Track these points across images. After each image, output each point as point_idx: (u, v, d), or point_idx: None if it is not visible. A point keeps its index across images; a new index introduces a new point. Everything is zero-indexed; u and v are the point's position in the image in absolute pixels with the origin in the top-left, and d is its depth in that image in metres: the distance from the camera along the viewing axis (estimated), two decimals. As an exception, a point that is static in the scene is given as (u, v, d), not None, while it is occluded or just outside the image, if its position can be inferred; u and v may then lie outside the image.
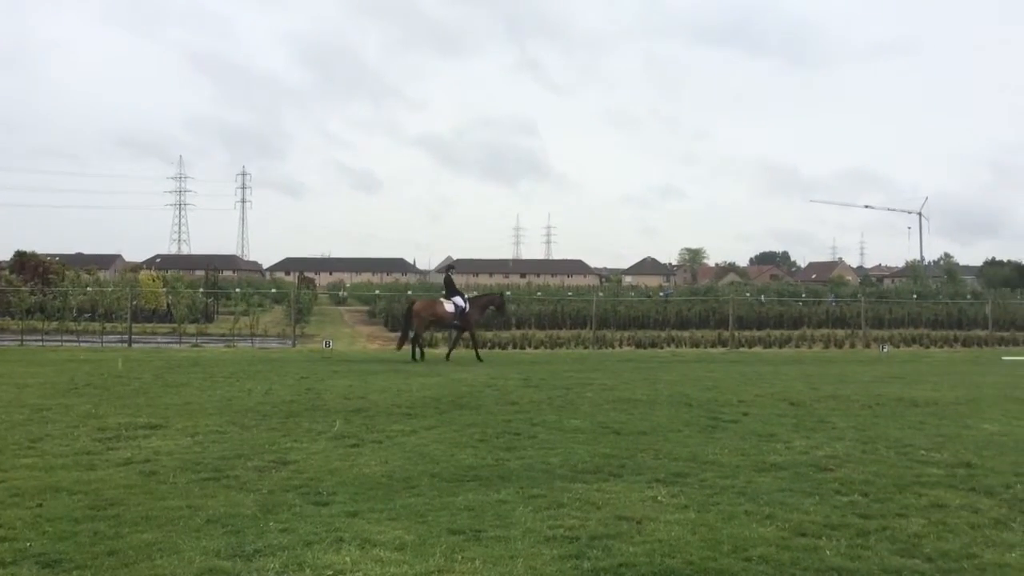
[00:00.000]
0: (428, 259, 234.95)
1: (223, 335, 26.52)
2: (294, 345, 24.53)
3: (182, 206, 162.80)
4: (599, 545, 5.39)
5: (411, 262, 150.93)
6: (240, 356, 20.35)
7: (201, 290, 36.23)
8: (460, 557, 5.16)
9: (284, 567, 4.99)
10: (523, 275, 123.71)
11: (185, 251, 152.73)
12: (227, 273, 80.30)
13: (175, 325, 27.54)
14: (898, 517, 6.11)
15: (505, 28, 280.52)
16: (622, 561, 5.08)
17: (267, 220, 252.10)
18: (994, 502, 6.55)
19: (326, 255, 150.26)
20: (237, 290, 41.88)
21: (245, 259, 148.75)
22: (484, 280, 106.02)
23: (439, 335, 25.08)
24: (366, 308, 42.31)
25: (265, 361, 18.91)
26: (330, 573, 4.90)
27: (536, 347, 25.73)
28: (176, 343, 24.35)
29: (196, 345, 23.73)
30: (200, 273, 46.39)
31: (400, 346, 20.79)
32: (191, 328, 27.47)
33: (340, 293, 56.91)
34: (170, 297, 33.28)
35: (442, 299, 20.97)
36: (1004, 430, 9.94)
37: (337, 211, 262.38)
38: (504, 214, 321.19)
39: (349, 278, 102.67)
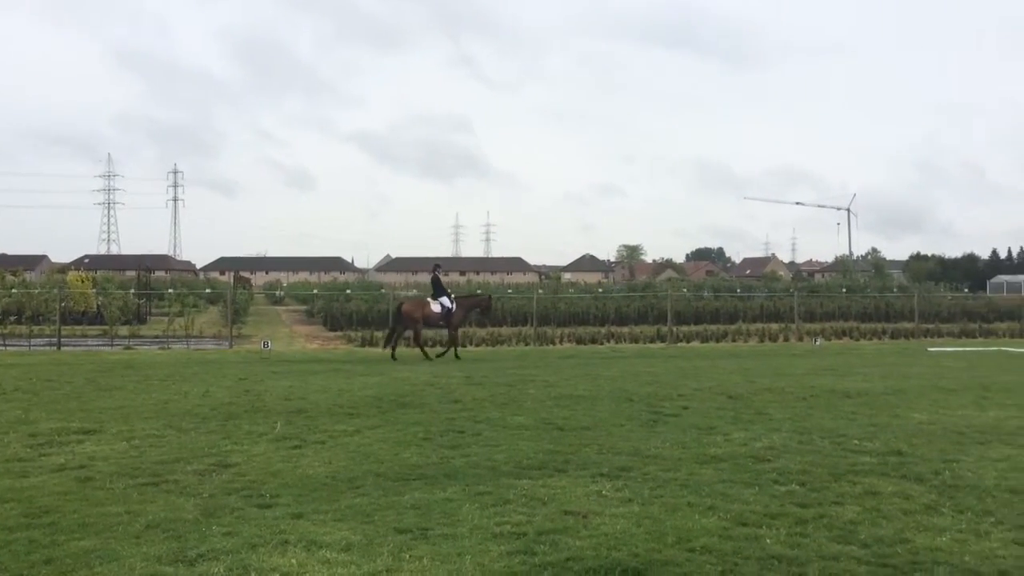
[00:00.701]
0: (367, 257, 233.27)
1: (157, 337, 25.88)
2: (231, 346, 24.09)
3: (111, 205, 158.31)
4: (546, 540, 5.43)
5: (349, 260, 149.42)
6: (175, 358, 19.90)
7: (133, 291, 35.27)
8: (408, 556, 5.15)
9: (228, 571, 4.91)
10: (463, 273, 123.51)
11: (115, 251, 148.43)
12: (159, 273, 78.33)
13: (106, 327, 26.79)
14: (834, 505, 6.29)
15: (441, 24, 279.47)
16: (569, 555, 5.13)
17: (200, 219, 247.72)
18: (924, 488, 6.79)
19: (262, 254, 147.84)
20: (170, 291, 40.92)
21: (178, 259, 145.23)
22: (424, 278, 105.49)
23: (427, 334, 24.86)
24: (304, 308, 41.68)
25: (201, 363, 18.53)
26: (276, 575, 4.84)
27: (477, 345, 25.72)
28: (108, 346, 23.69)
29: (129, 347, 23.13)
30: (131, 274, 45.23)
31: (385, 345, 20.82)
32: (123, 330, 26.73)
33: (277, 293, 56.03)
34: (100, 298, 32.33)
35: (429, 299, 21.12)
36: (932, 419, 10.31)
37: (272, 209, 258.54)
38: (443, 212, 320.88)
39: (286, 277, 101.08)
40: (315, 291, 42.24)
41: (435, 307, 20.67)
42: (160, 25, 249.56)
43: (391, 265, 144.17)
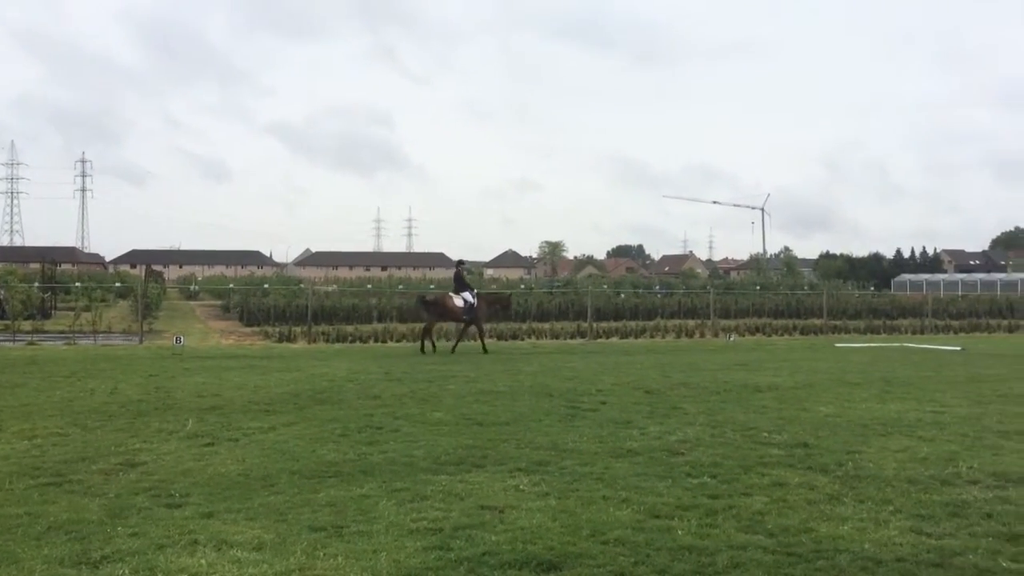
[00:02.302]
0: (286, 251, 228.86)
1: (62, 332, 24.88)
2: (141, 342, 23.34)
3: (14, 195, 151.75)
4: (463, 535, 5.44)
5: (267, 254, 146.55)
6: (81, 354, 19.18)
7: (37, 284, 33.83)
8: (322, 554, 5.09)
9: (134, 572, 4.77)
10: (384, 267, 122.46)
11: (18, 243, 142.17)
12: (66, 266, 75.33)
13: (8, 322, 25.63)
14: (743, 496, 6.47)
15: (359, 14, 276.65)
16: (485, 550, 5.14)
17: (109, 210, 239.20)
18: (828, 479, 7.04)
19: (175, 247, 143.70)
20: (77, 284, 39.37)
21: (86, 251, 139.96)
22: (344, 273, 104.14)
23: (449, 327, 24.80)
24: (219, 302, 40.73)
25: (109, 359, 17.91)
26: (184, 577, 4.72)
27: (398, 340, 25.55)
28: (9, 341, 22.67)
29: (32, 343, 22.18)
30: (35, 266, 43.37)
31: (424, 339, 21.11)
32: (26, 325, 25.62)
33: (191, 287, 54.59)
34: (2, 292, 30.92)
35: (452, 294, 21.83)
36: (837, 412, 10.69)
37: (186, 201, 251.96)
38: (363, 206, 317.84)
39: (201, 271, 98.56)
40: (231, 285, 41.29)
41: (458, 301, 21.32)
42: (59, 6, 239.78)
43: (311, 259, 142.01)
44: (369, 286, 44.15)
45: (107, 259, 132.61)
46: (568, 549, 5.18)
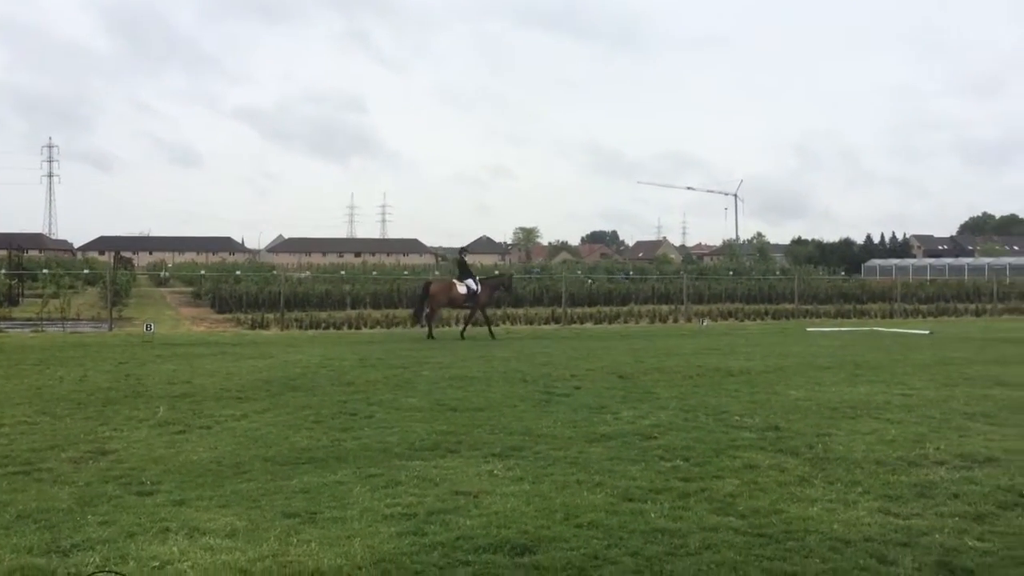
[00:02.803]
0: (258, 238, 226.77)
1: (29, 319, 24.52)
2: (111, 329, 23.06)
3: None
4: (437, 520, 5.45)
5: (239, 241, 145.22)
6: (50, 342, 18.92)
7: (3, 271, 33.28)
8: (295, 540, 5.07)
9: (105, 561, 4.72)
10: (358, 254, 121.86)
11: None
12: (33, 252, 74.18)
13: (-27, 309, 25.23)
14: (715, 479, 6.53)
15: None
16: (459, 534, 5.16)
17: (77, 196, 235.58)
18: (799, 461, 7.12)
19: (145, 234, 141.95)
20: (45, 271, 38.76)
21: (53, 238, 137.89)
22: (318, 259, 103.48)
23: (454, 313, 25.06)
24: (191, 289, 40.32)
25: (78, 346, 17.68)
26: (156, 564, 4.69)
27: (372, 327, 25.45)
28: (-25, 329, 22.32)
29: (-2, 331, 21.87)
30: (2, 253, 42.66)
31: (414, 323, 22.10)
32: (-8, 312, 25.25)
33: (162, 274, 53.99)
34: (-33, 279, 30.40)
35: (455, 281, 21.99)
36: (808, 395, 10.81)
37: (155, 187, 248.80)
38: (337, 192, 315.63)
39: (171, 258, 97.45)
40: (202, 272, 40.86)
41: (462, 288, 21.47)
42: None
43: (284, 246, 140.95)
44: (343, 272, 43.85)
45: (75, 245, 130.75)
46: (542, 533, 5.21)
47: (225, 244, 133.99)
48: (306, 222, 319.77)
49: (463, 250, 23.78)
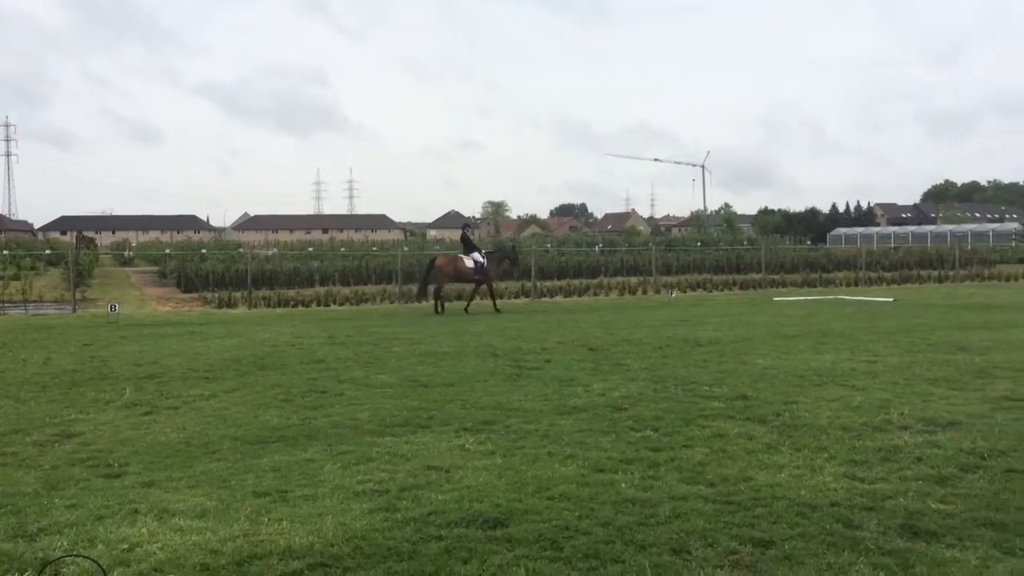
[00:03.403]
0: (223, 215, 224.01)
1: (-10, 302, 24.08)
2: (74, 311, 22.71)
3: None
4: (409, 496, 5.45)
5: (204, 219, 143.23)
6: (11, 324, 18.60)
7: (-39, 253, 32.62)
8: (266, 519, 5.05)
9: (73, 544, 4.67)
10: (325, 230, 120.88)
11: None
12: (-8, 234, 72.72)
13: (-69, 293, 24.68)
14: (684, 448, 6.60)
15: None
16: (432, 509, 5.17)
17: (37, 176, 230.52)
18: (766, 429, 7.21)
19: (107, 213, 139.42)
20: (5, 252, 38.03)
21: (13, 218, 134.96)
22: (285, 236, 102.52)
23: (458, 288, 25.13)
24: (156, 269, 39.75)
25: (41, 328, 17.41)
26: (125, 547, 4.64)
27: (341, 304, 25.32)
28: (-67, 313, 21.87)
29: (-42, 314, 21.45)
30: (-41, 234, 41.70)
31: (420, 298, 22.37)
32: (-49, 295, 24.72)
33: (126, 253, 53.18)
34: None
35: (461, 255, 22.15)
36: (775, 364, 10.94)
37: (117, 165, 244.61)
38: (302, 167, 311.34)
39: (135, 237, 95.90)
40: (167, 251, 40.31)
41: (468, 263, 21.68)
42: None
43: (250, 223, 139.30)
44: (310, 249, 43.49)
45: (36, 226, 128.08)
46: (514, 506, 5.23)
47: (190, 222, 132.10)
48: (272, 199, 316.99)
49: (466, 224, 24.59)
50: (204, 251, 37.87)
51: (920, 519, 4.91)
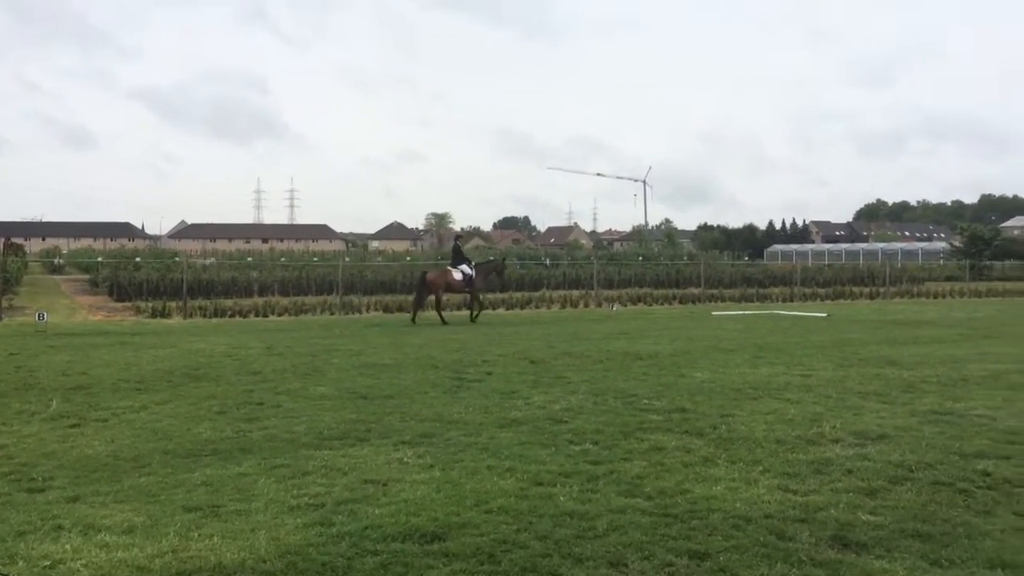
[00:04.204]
0: (159, 223, 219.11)
1: (-90, 309, 23.11)
2: (1, 319, 21.94)
3: None
4: (344, 510, 5.37)
5: (139, 226, 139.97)
6: (-68, 333, 17.87)
7: None
8: (196, 535, 4.92)
9: (-10, 564, 4.48)
10: (266, 240, 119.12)
11: None
12: (-87, 239, 69.84)
13: None
14: (623, 461, 6.63)
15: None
16: (368, 524, 5.09)
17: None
18: (703, 442, 7.30)
19: (38, 219, 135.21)
20: (-73, 258, 36.56)
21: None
22: (223, 245, 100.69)
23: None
24: (87, 277, 38.66)
25: (-36, 337, 16.75)
26: (47, 563, 4.47)
27: (280, 314, 24.94)
28: None
29: None
30: None
31: (415, 312, 22.05)
32: None
33: (56, 260, 51.64)
34: None
35: (450, 268, 22.55)
36: (712, 377, 11.09)
37: (48, 170, 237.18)
38: (242, 176, 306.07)
39: (66, 244, 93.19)
40: (100, 259, 39.24)
41: (457, 275, 22.10)
42: None
43: (187, 232, 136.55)
44: (249, 259, 42.80)
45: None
46: (452, 519, 5.19)
47: (124, 230, 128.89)
48: (211, 207, 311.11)
49: (457, 237, 25.08)
50: (138, 259, 36.97)
51: (850, 531, 5.01)
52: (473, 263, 23.22)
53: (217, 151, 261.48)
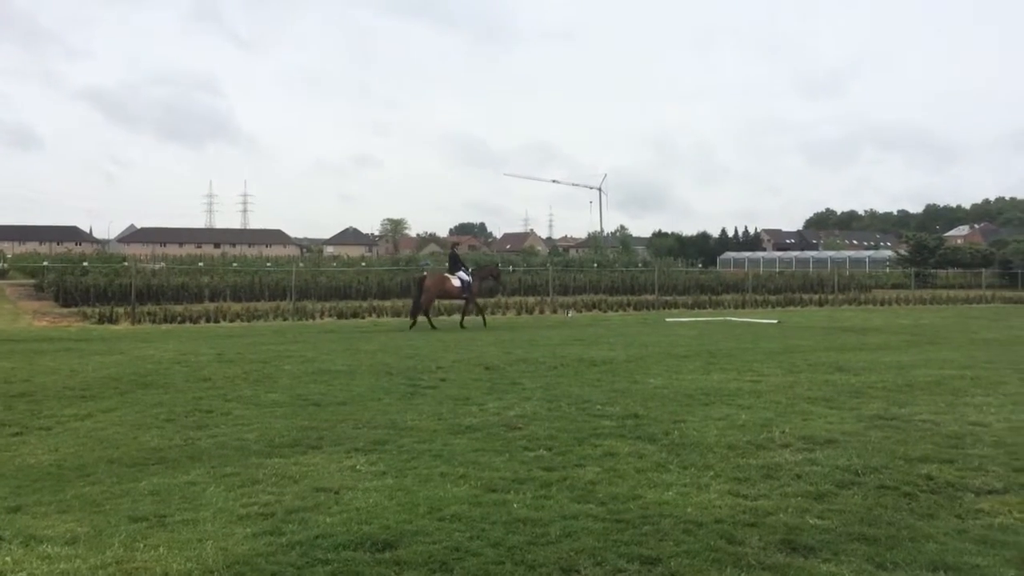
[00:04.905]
0: (108, 227, 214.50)
1: None
2: (-60, 324, 21.31)
3: None
4: (295, 519, 5.30)
5: (87, 230, 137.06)
6: None
7: None
8: (142, 545, 4.81)
9: (-76, 578, 4.34)
10: (218, 245, 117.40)
11: None
12: None
13: None
14: (576, 467, 6.65)
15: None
16: (319, 532, 5.03)
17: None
18: (656, 447, 7.35)
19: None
20: None
21: None
22: (174, 250, 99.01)
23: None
24: (32, 281, 37.70)
25: (-99, 344, 16.22)
26: (-16, 578, 4.34)
27: (232, 320, 24.58)
28: None
29: None
30: None
31: (414, 321, 21.72)
32: None
33: (0, 265, 50.34)
34: None
35: (448, 274, 22.88)
36: (666, 383, 11.19)
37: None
38: (193, 180, 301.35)
39: (11, 248, 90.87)
40: (45, 263, 38.32)
41: (455, 281, 22.45)
42: None
43: (136, 236, 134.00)
44: (201, 264, 42.12)
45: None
46: (404, 527, 5.15)
47: (71, 234, 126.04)
48: (161, 211, 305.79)
49: (455, 244, 25.42)
50: (86, 264, 36.17)
51: (799, 534, 5.09)
52: (470, 269, 23.72)
53: (168, 154, 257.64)
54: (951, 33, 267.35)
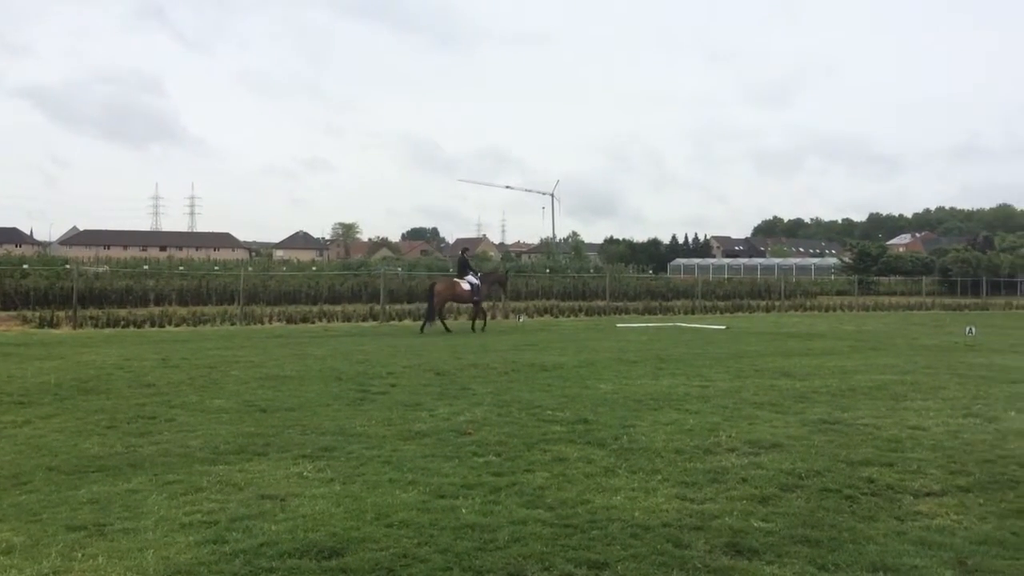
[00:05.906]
0: (48, 229, 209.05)
1: None
2: None
3: None
4: (240, 527, 5.22)
5: (27, 232, 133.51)
6: None
7: None
8: (80, 555, 4.69)
9: None
10: (163, 248, 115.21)
11: None
12: None
13: None
14: (526, 472, 6.66)
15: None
16: (264, 540, 4.96)
17: None
18: (605, 452, 7.40)
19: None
20: None
21: None
22: (118, 253, 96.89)
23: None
24: (-31, 284, 36.63)
25: None
26: (-88, 592, 4.19)
27: (177, 325, 24.12)
28: None
29: None
30: None
31: (424, 327, 21.95)
32: None
33: (-66, 267, 48.72)
34: None
35: (457, 279, 23.35)
36: (616, 389, 11.27)
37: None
38: (139, 181, 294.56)
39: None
40: (-17, 265, 37.20)
41: (465, 286, 22.93)
42: None
43: (79, 238, 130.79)
44: (146, 267, 41.28)
45: None
46: (351, 534, 5.10)
47: (11, 235, 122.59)
48: (105, 213, 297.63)
49: (464, 250, 26.02)
50: (26, 266, 35.21)
51: (744, 537, 5.16)
52: (479, 274, 24.23)
53: (111, 154, 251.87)
54: (895, 45, 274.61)
